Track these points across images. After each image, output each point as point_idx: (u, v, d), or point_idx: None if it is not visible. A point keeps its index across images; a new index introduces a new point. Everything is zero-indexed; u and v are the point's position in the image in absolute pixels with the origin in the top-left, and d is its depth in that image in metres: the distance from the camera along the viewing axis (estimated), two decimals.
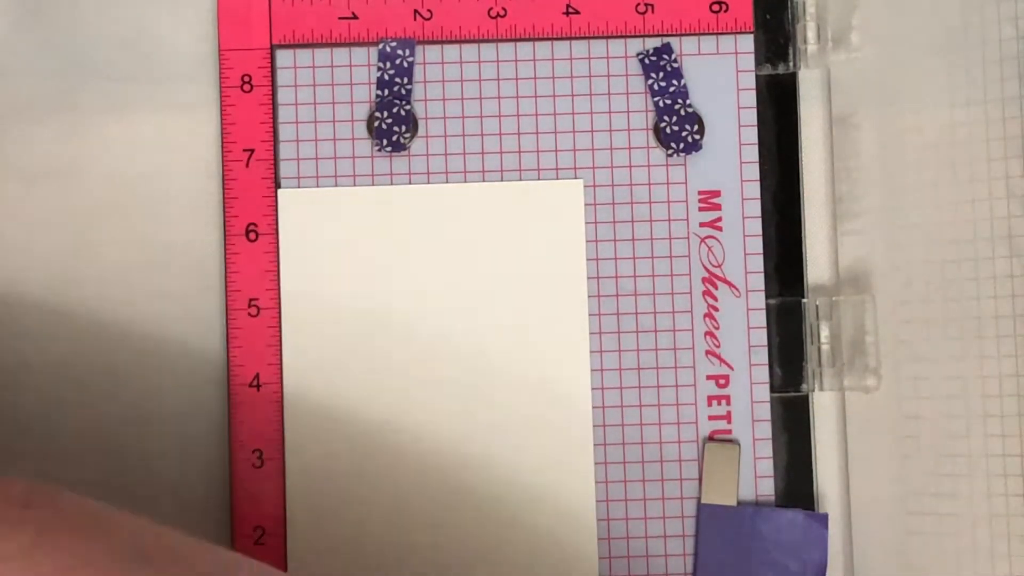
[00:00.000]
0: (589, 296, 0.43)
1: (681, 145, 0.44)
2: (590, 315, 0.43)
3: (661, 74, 0.44)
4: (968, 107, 0.42)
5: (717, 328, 0.43)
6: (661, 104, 0.44)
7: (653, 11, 0.44)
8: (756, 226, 0.44)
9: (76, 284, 0.43)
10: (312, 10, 0.44)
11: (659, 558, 0.43)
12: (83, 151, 0.43)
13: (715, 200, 0.44)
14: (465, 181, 0.43)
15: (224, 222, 0.43)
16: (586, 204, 0.44)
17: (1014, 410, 0.41)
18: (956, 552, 0.42)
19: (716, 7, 0.44)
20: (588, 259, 0.43)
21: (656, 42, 0.44)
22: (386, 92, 0.44)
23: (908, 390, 0.43)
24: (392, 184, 0.43)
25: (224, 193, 0.43)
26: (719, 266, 0.44)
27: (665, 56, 0.44)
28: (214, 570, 0.34)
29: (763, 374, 0.43)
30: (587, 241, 0.43)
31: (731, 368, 0.43)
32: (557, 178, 0.44)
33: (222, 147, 0.43)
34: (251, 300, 0.43)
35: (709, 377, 0.43)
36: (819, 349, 0.43)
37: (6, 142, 0.43)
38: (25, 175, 0.43)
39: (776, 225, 0.44)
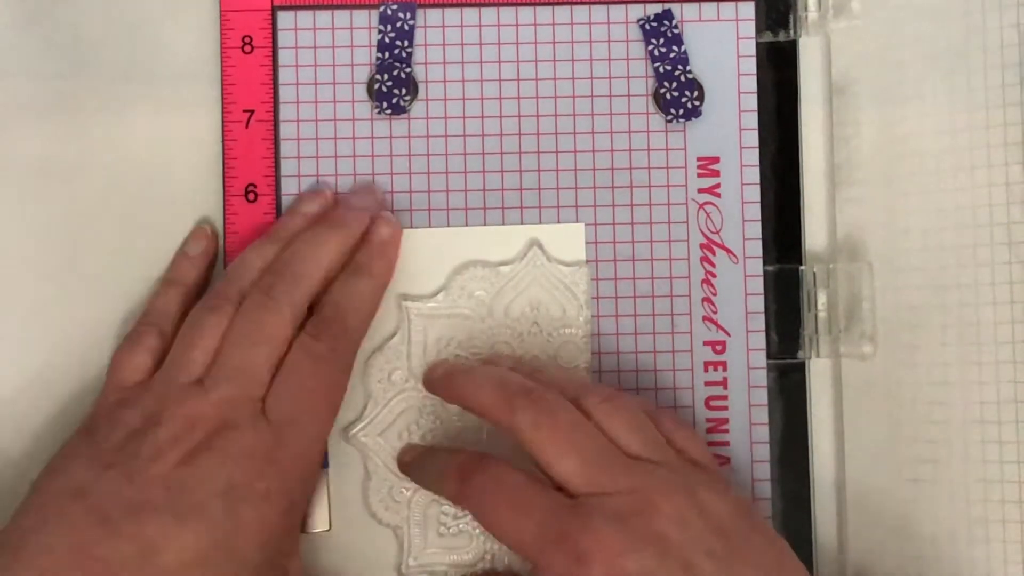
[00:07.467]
0: (587, 260, 0.43)
1: (681, 111, 0.44)
2: (587, 280, 0.43)
3: (661, 40, 0.44)
4: (969, 74, 0.42)
5: (714, 294, 0.44)
6: (661, 70, 0.44)
7: None
8: (754, 193, 0.44)
9: (77, 282, 0.43)
10: None
11: None
12: (83, 151, 0.43)
13: (714, 166, 0.44)
14: (464, 146, 0.44)
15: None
16: (585, 169, 0.44)
17: (1009, 377, 0.41)
18: (950, 517, 0.42)
19: None
20: (586, 223, 0.43)
21: (657, 8, 0.44)
22: (386, 55, 0.44)
23: (904, 357, 0.43)
24: (391, 147, 0.43)
25: (224, 154, 0.43)
26: (717, 232, 0.44)
27: (666, 22, 0.44)
28: None
29: (760, 340, 0.44)
30: (585, 206, 0.43)
31: (728, 334, 0.44)
32: (556, 145, 0.43)
33: (222, 108, 0.43)
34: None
35: (706, 343, 0.43)
36: (816, 316, 0.44)
37: (6, 141, 0.43)
38: (25, 174, 0.43)
39: (775, 192, 0.44)
